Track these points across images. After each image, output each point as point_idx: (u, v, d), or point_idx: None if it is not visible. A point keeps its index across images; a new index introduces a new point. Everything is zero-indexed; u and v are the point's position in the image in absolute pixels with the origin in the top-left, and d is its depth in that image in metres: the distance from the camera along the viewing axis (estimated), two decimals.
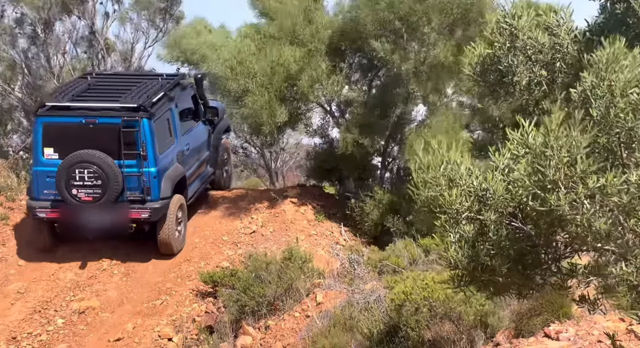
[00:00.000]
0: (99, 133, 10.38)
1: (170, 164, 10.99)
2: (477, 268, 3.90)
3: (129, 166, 10.47)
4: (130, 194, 10.53)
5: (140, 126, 10.38)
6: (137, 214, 10.58)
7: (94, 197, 10.36)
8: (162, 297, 10.96)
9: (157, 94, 10.88)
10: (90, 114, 10.45)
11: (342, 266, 11.01)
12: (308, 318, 9.44)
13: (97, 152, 10.29)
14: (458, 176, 3.76)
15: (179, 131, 11.40)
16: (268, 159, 17.62)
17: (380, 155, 13.66)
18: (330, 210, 13.32)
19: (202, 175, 12.36)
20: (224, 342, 9.68)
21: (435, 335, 7.31)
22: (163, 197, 10.73)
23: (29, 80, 15.44)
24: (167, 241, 11.03)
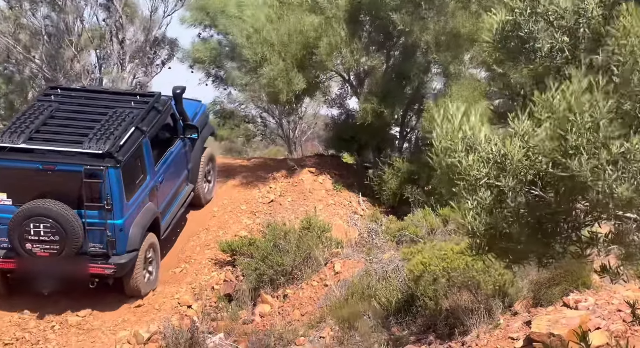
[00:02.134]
0: (58, 180, 9.25)
1: (141, 206, 9.75)
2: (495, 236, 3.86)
3: (91, 218, 9.31)
4: (92, 246, 9.42)
5: (106, 177, 9.18)
6: (100, 270, 9.46)
7: (50, 252, 9.28)
8: (181, 265, 11.06)
9: (127, 132, 9.57)
10: (48, 159, 9.27)
11: (360, 236, 11.03)
12: (326, 287, 9.48)
13: (54, 204, 9.16)
14: (477, 142, 3.72)
15: (152, 165, 10.09)
16: (286, 129, 17.57)
17: (398, 125, 13.58)
18: (349, 180, 13.31)
19: (179, 198, 10.91)
20: (242, 310, 9.76)
21: (453, 305, 7.32)
22: (130, 249, 9.56)
23: (49, 48, 15.47)
24: (135, 287, 9.94)
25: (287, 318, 9.33)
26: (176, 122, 10.82)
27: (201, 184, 11.58)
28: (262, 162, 14.13)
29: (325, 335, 8.20)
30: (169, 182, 10.50)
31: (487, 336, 6.90)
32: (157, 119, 10.27)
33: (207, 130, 11.73)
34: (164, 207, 10.39)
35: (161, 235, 10.28)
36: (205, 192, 11.74)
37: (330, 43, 12.21)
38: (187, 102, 11.30)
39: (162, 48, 16.44)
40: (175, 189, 10.76)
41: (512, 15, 4.04)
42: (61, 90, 10.70)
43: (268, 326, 9.17)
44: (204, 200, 11.75)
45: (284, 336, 8.43)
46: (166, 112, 10.55)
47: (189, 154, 11.14)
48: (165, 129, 10.62)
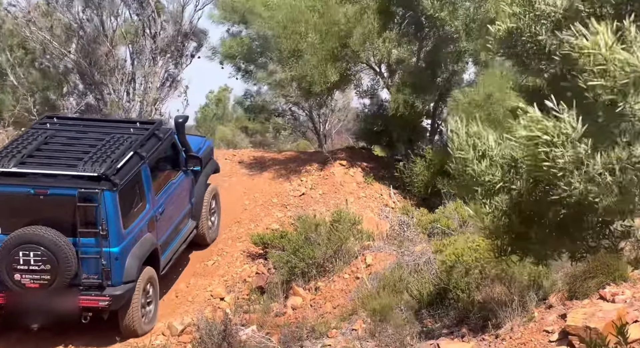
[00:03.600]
0: (51, 206, 8.60)
1: (139, 236, 9.09)
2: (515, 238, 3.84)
3: (85, 245, 8.63)
4: (86, 277, 8.72)
5: (101, 200, 8.53)
6: (94, 302, 8.73)
7: (41, 283, 8.56)
8: (213, 258, 11.13)
9: (125, 156, 9.01)
10: (40, 183, 8.64)
11: (391, 228, 11.00)
12: (357, 280, 9.48)
13: (46, 231, 8.48)
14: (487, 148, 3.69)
15: (152, 193, 9.45)
16: (317, 122, 17.59)
17: (429, 117, 13.51)
18: (380, 172, 13.28)
19: (181, 234, 10.27)
20: (274, 302, 9.80)
21: (486, 297, 7.27)
22: (127, 280, 8.84)
23: (84, 43, 15.65)
24: (132, 327, 9.11)
25: (319, 310, 9.35)
26: (178, 152, 10.21)
27: (205, 222, 10.86)
28: (293, 155, 14.16)
29: (358, 328, 8.21)
30: (170, 215, 9.82)
31: (521, 329, 6.85)
32: (157, 146, 9.68)
33: (210, 165, 11.08)
34: (165, 241, 9.70)
35: (160, 271, 9.53)
36: (209, 230, 11.02)
37: (363, 33, 12.17)
38: (192, 138, 10.92)
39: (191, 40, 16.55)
40: (177, 223, 10.08)
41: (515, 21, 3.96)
42: (57, 119, 10.21)
43: (300, 318, 9.19)
44: (209, 239, 11.02)
45: (316, 328, 8.44)
46: (167, 140, 9.97)
47: (192, 188, 10.48)
48: (167, 159, 10.06)
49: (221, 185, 12.76)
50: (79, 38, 15.62)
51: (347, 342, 7.74)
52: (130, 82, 16.01)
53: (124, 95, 15.96)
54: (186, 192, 10.39)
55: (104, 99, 15.98)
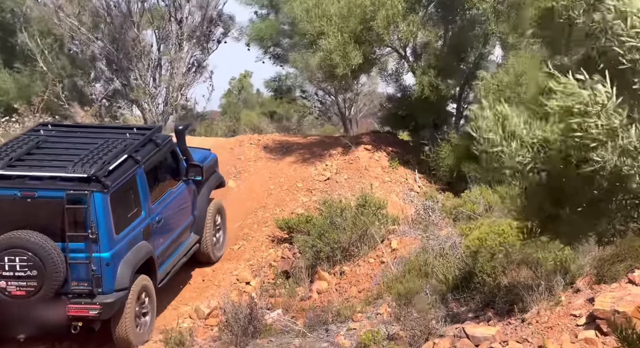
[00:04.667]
0: (39, 209, 8.23)
1: (132, 243, 8.65)
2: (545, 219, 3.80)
3: (74, 251, 8.21)
4: (75, 285, 8.28)
5: (91, 202, 8.14)
6: (84, 311, 8.28)
7: (27, 290, 8.12)
8: (239, 242, 11.20)
9: (118, 158, 8.65)
10: (27, 186, 8.28)
11: (416, 213, 10.97)
12: (383, 264, 9.49)
13: (33, 235, 8.10)
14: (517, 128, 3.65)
15: (148, 200, 9.03)
16: (342, 107, 17.56)
17: (455, 101, 13.42)
18: (405, 156, 13.23)
19: (182, 247, 9.81)
20: (300, 286, 9.84)
21: (512, 281, 7.24)
22: (119, 288, 8.39)
23: (111, 29, 15.75)
24: (125, 338, 8.61)
25: (344, 294, 9.37)
26: (178, 161, 9.79)
27: (209, 238, 10.35)
28: (318, 139, 14.16)
29: (383, 312, 8.22)
30: (169, 225, 9.41)
31: (547, 313, 6.81)
32: (154, 152, 9.30)
33: (214, 178, 10.63)
34: (163, 252, 9.26)
35: (158, 283, 9.09)
36: (214, 247, 10.51)
37: (387, 16, 12.09)
38: (196, 150, 10.55)
39: (217, 25, 16.58)
40: (178, 235, 9.65)
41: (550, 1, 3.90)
42: (52, 126, 9.88)
43: (325, 302, 9.23)
44: (214, 257, 10.50)
45: (341, 312, 8.47)
46: (166, 146, 9.58)
47: (194, 201, 10.05)
48: (165, 166, 9.67)
49: (247, 170, 12.83)
50: (106, 24, 15.71)
51: (372, 326, 7.76)
52: (157, 68, 16.10)
53: (150, 81, 16.05)
54: (188, 203, 9.93)
55: (130, 85, 16.10)
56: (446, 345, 6.82)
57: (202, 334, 8.92)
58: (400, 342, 7.18)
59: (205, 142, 13.94)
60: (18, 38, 16.40)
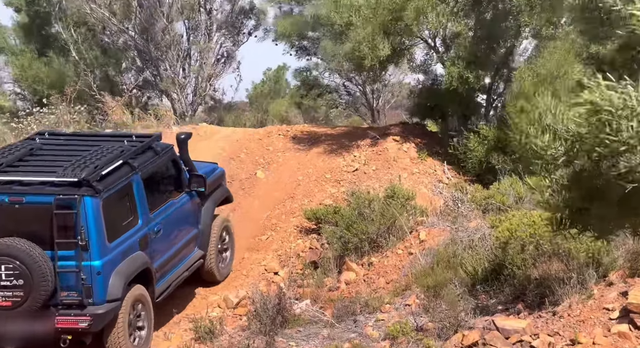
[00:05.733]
0: (27, 215, 7.89)
1: (127, 253, 8.24)
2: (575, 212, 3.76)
3: (64, 258, 7.81)
4: (65, 295, 7.85)
5: (80, 207, 7.76)
6: (73, 323, 7.82)
7: (13, 301, 7.71)
8: (267, 233, 11.24)
9: (113, 163, 8.29)
10: (15, 191, 7.93)
11: (445, 204, 10.92)
12: (411, 256, 9.47)
13: (19, 242, 7.72)
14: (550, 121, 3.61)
15: (145, 209, 8.62)
16: (370, 98, 17.52)
17: (485, 92, 13.32)
18: (433, 148, 13.17)
19: (184, 262, 9.35)
20: (328, 277, 9.86)
21: (543, 274, 7.18)
22: (111, 298, 7.95)
23: (141, 19, 15.85)
24: None
25: (372, 285, 9.38)
26: (180, 171, 9.37)
27: (214, 257, 9.82)
28: (346, 130, 14.14)
29: (411, 303, 8.21)
30: (169, 238, 9.01)
31: (579, 306, 6.75)
32: (152, 159, 8.92)
33: (220, 193, 10.15)
34: (162, 265, 8.84)
35: (156, 297, 8.67)
36: (220, 265, 10.01)
37: (417, 7, 12.02)
38: (202, 164, 10.14)
39: (249, 18, 16.61)
40: (179, 249, 9.22)
41: None
42: (49, 135, 9.56)
43: (353, 293, 9.24)
44: (219, 276, 9.98)
45: (369, 303, 8.48)
46: (165, 155, 9.18)
47: (198, 214, 9.62)
48: (165, 176, 9.31)
49: (275, 160, 12.86)
50: (137, 14, 15.81)
51: (401, 317, 7.76)
52: (186, 58, 16.19)
53: (180, 71, 16.15)
54: (191, 216, 9.51)
55: (160, 75, 16.21)
56: (475, 337, 6.79)
57: (231, 323, 8.98)
58: (428, 333, 7.17)
59: (234, 133, 14.02)
60: (53, 28, 16.59)
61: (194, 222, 9.55)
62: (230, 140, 13.55)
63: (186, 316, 9.25)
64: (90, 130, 13.14)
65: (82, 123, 14.05)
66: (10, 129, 14.08)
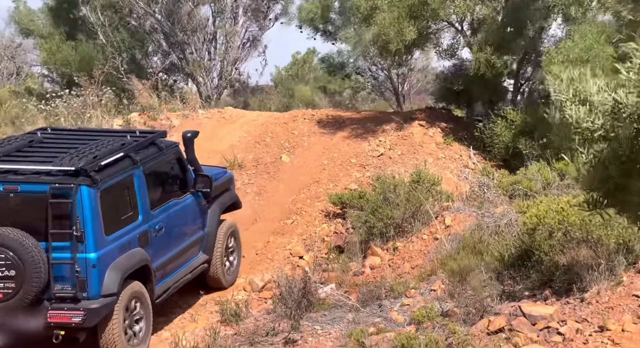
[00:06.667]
0: (22, 205, 7.72)
1: (125, 248, 8.00)
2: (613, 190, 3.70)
3: (58, 250, 7.55)
4: (59, 289, 7.58)
5: (77, 196, 7.54)
6: (66, 318, 7.52)
7: (4, 293, 7.46)
8: (292, 217, 11.26)
9: (113, 155, 8.08)
10: (11, 180, 7.72)
11: (471, 189, 10.87)
12: (436, 241, 9.44)
13: (12, 231, 7.49)
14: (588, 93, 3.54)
15: (147, 205, 8.38)
16: (395, 82, 17.45)
17: (512, 77, 13.19)
18: (459, 133, 13.10)
19: (188, 265, 9.08)
20: (352, 261, 9.86)
21: (571, 260, 7.11)
22: (106, 293, 7.67)
23: (168, 2, 15.88)
24: (112, 346, 7.86)
25: (397, 270, 9.37)
26: (185, 170, 9.12)
27: (220, 263, 9.52)
28: (371, 115, 14.09)
29: (436, 288, 8.19)
30: (172, 238, 8.75)
31: (608, 293, 6.68)
32: (155, 156, 8.69)
33: (227, 197, 9.85)
34: (164, 264, 8.57)
35: (155, 299, 8.37)
36: (226, 272, 9.68)
37: None
38: (210, 168, 9.91)
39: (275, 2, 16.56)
40: (182, 250, 8.96)
41: None
42: (52, 130, 9.39)
43: (378, 278, 9.24)
44: (225, 283, 9.63)
45: (394, 288, 8.47)
46: (170, 152, 8.95)
47: (204, 217, 9.36)
48: (170, 174, 9.04)
49: (300, 144, 12.86)
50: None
51: (426, 302, 7.74)
52: (212, 42, 16.21)
53: (206, 55, 16.18)
54: (196, 218, 9.25)
55: (186, 58, 16.26)
56: (502, 323, 6.76)
57: (256, 306, 9.03)
58: (454, 318, 7.15)
59: (259, 117, 14.04)
60: (80, 11, 16.67)
61: (199, 225, 9.27)
62: (255, 124, 13.57)
63: (212, 299, 9.32)
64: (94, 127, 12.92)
65: (109, 106, 14.15)
66: (39, 111, 14.22)
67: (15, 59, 19.28)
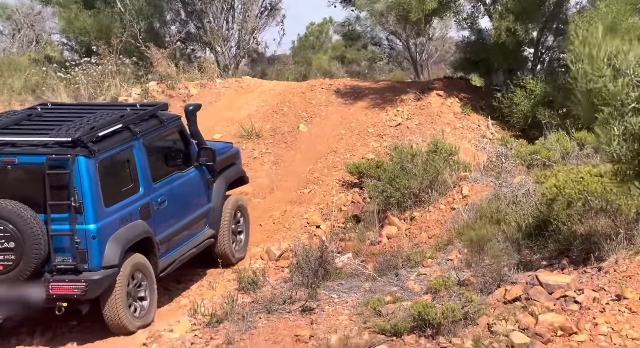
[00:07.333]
0: (19, 176, 7.69)
1: (126, 220, 7.94)
2: None
3: (57, 221, 7.53)
4: (59, 261, 7.58)
5: (74, 167, 7.50)
6: (67, 289, 7.52)
7: (5, 265, 7.48)
8: (309, 186, 11.28)
9: (111, 126, 8.01)
10: (8, 152, 7.69)
11: (489, 159, 10.83)
12: (453, 211, 9.44)
13: (9, 203, 7.48)
14: (625, 65, 3.48)
15: (148, 177, 8.30)
16: (413, 52, 17.31)
17: (533, 46, 13.03)
18: (478, 103, 13.00)
19: (193, 239, 8.97)
20: (369, 231, 9.89)
21: (589, 230, 7.09)
22: (107, 265, 7.67)
23: None
24: (117, 321, 7.79)
25: (414, 240, 9.38)
26: (188, 143, 9.01)
27: (227, 238, 9.42)
28: (389, 84, 14.01)
29: (453, 258, 8.20)
30: (175, 211, 8.66)
31: (626, 262, 6.67)
32: (156, 128, 8.61)
33: (233, 172, 9.71)
34: (167, 238, 8.50)
35: (159, 272, 8.32)
36: (233, 248, 9.57)
37: None
38: (215, 143, 9.89)
39: None
40: (187, 224, 8.85)
41: None
42: (52, 105, 9.33)
43: (395, 247, 9.26)
44: (233, 259, 9.51)
45: (411, 258, 8.49)
46: (171, 124, 8.86)
47: (209, 191, 9.23)
48: (172, 147, 8.95)
49: (318, 114, 12.84)
50: None
51: (443, 272, 7.76)
52: (230, 11, 16.12)
53: (224, 24, 16.11)
54: (200, 192, 9.12)
55: (204, 27, 16.21)
56: (518, 292, 6.77)
57: (273, 275, 9.09)
58: (471, 288, 7.16)
59: (277, 87, 14.01)
60: None
61: (203, 199, 9.14)
62: (272, 94, 13.55)
63: (230, 267, 9.39)
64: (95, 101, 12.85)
65: (127, 74, 14.16)
66: (59, 79, 14.26)
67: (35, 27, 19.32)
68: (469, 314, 6.56)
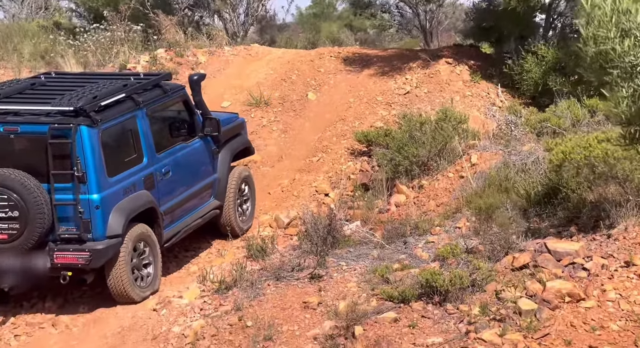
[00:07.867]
0: (22, 146, 7.69)
1: (129, 190, 7.93)
2: None
3: (60, 191, 7.53)
4: (63, 230, 7.59)
5: (77, 137, 7.48)
6: (71, 258, 7.56)
7: (9, 234, 7.50)
8: (318, 154, 11.28)
9: (114, 96, 7.97)
10: (11, 121, 7.66)
11: (498, 127, 10.77)
12: (462, 179, 9.42)
13: (13, 172, 7.47)
14: (633, 26, 3.42)
15: (152, 148, 8.27)
16: (422, 19, 17.14)
17: (544, 12, 12.88)
18: (487, 70, 12.91)
19: (198, 210, 8.96)
20: (378, 199, 9.89)
21: (599, 197, 7.05)
22: (111, 234, 7.67)
23: None
24: (122, 290, 7.83)
25: (423, 208, 9.38)
26: (192, 114, 8.95)
27: (233, 210, 9.37)
28: (398, 52, 13.92)
29: (461, 226, 8.20)
30: (180, 182, 8.64)
31: (636, 229, 6.64)
32: (160, 98, 8.56)
33: (238, 142, 9.64)
34: (171, 209, 8.50)
35: (163, 243, 8.33)
36: (239, 218, 9.53)
37: None
38: (221, 113, 9.77)
39: None
40: (191, 195, 8.82)
41: None
42: (56, 74, 9.31)
43: (403, 215, 9.27)
44: (239, 230, 9.47)
45: (419, 226, 8.49)
46: (175, 94, 8.80)
47: (214, 161, 9.20)
48: (176, 117, 8.89)
49: (326, 82, 12.77)
50: None
51: (451, 240, 7.77)
52: None
53: None
54: (205, 163, 9.09)
55: None
56: (526, 259, 6.77)
57: (282, 243, 9.13)
58: (479, 255, 7.16)
59: (285, 55, 13.93)
60: None
61: (208, 169, 9.11)
62: (281, 62, 13.48)
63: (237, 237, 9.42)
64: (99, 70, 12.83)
65: (136, 41, 14.10)
66: (68, 46, 14.21)
67: None
68: (477, 281, 6.57)
